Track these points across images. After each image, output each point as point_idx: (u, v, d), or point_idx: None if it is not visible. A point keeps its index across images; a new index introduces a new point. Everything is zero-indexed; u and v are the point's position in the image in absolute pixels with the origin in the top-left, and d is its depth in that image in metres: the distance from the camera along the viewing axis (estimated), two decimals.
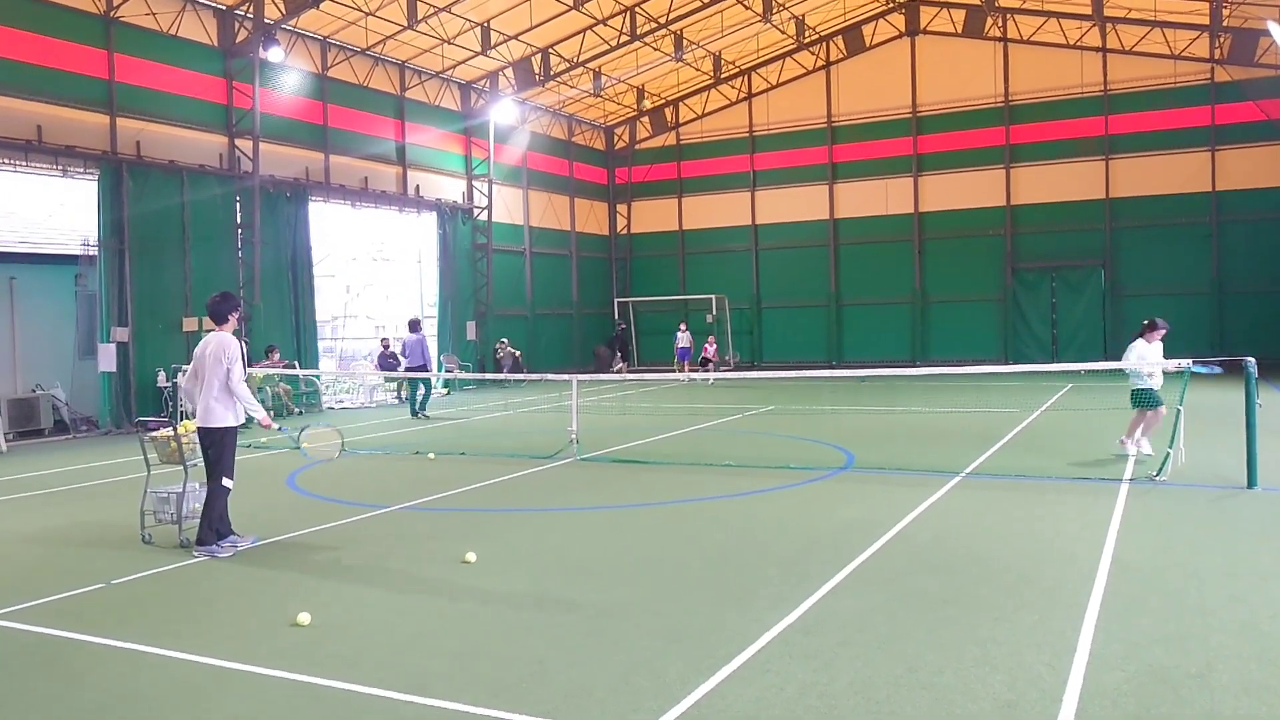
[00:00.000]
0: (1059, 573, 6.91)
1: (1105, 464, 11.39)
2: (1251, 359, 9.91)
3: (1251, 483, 9.71)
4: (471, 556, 7.70)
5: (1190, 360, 10.61)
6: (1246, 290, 27.96)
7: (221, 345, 8.33)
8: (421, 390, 20.19)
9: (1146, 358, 11.57)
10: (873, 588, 6.67)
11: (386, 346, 24.36)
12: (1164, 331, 11.71)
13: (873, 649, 5.45)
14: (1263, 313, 27.52)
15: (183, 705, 4.97)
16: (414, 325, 20.84)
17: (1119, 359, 11.90)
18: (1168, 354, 11.85)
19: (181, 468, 8.72)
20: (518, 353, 27.73)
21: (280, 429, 8.69)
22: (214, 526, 8.26)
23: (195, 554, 8.14)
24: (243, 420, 8.48)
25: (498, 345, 27.70)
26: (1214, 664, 5.06)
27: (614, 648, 5.60)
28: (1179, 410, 10.54)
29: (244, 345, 20.81)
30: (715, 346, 29.32)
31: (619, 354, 32.78)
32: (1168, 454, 10.42)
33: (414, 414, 19.85)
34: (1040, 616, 5.93)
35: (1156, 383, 11.67)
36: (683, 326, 29.87)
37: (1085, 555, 7.35)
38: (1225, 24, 26.28)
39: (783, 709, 4.67)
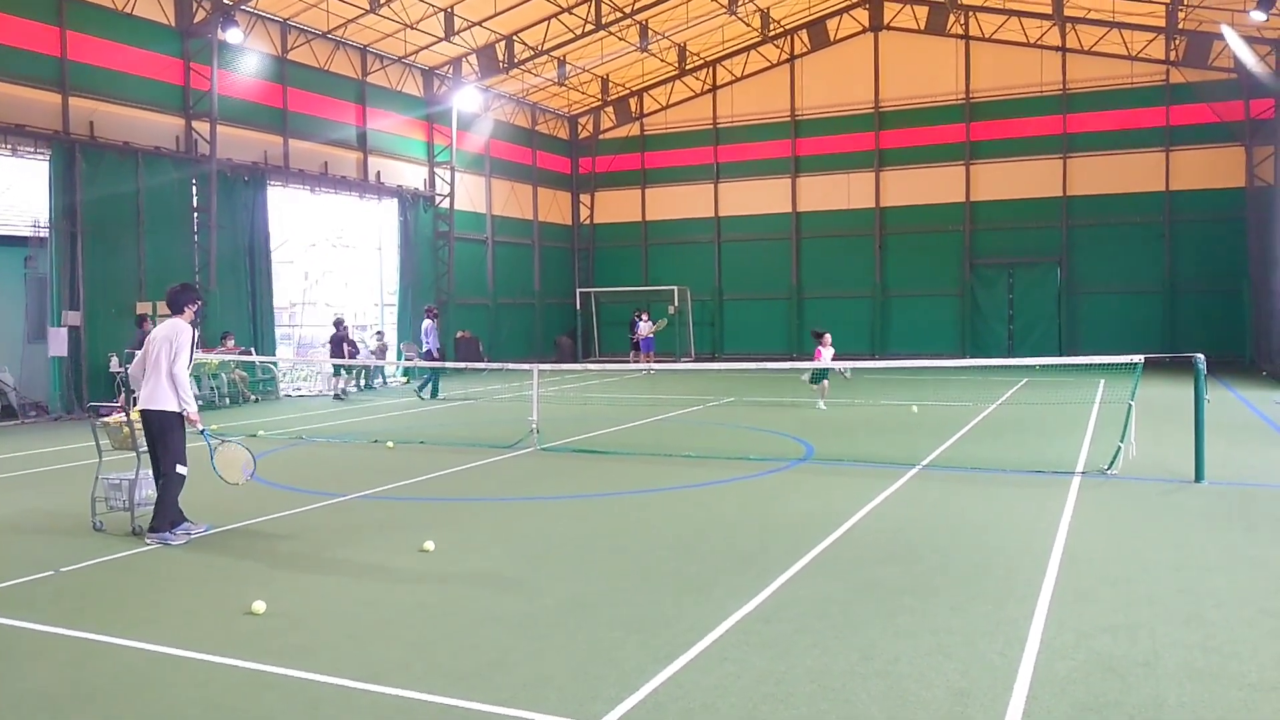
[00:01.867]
0: (1013, 563, 7.02)
1: (1058, 457, 11.57)
2: (1200, 355, 10.11)
3: (1199, 477, 9.92)
4: (430, 545, 7.66)
5: (1139, 357, 10.80)
6: (1196, 289, 28.53)
7: (175, 329, 8.24)
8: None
9: None
10: (831, 577, 6.73)
11: (341, 328, 23.64)
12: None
13: (830, 637, 5.50)
14: (1211, 311, 28.10)
15: (131, 694, 4.90)
16: (431, 311, 22.54)
17: (1074, 355, 12.09)
18: (1124, 349, 12.10)
19: (134, 454, 8.58)
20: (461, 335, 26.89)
21: (202, 431, 8.48)
22: (169, 514, 8.13)
23: (148, 541, 8.02)
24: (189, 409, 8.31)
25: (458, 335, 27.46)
26: (1160, 652, 5.17)
27: (574, 637, 5.60)
28: (1130, 405, 10.74)
29: (198, 333, 20.51)
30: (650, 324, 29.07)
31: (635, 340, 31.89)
32: (1119, 448, 10.61)
33: (420, 394, 21.23)
34: (994, 606, 6.02)
35: None
36: (644, 316, 29.29)
37: (1038, 546, 7.47)
38: (1180, 27, 26.73)
39: (739, 696, 4.71)
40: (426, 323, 22.22)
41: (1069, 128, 29.89)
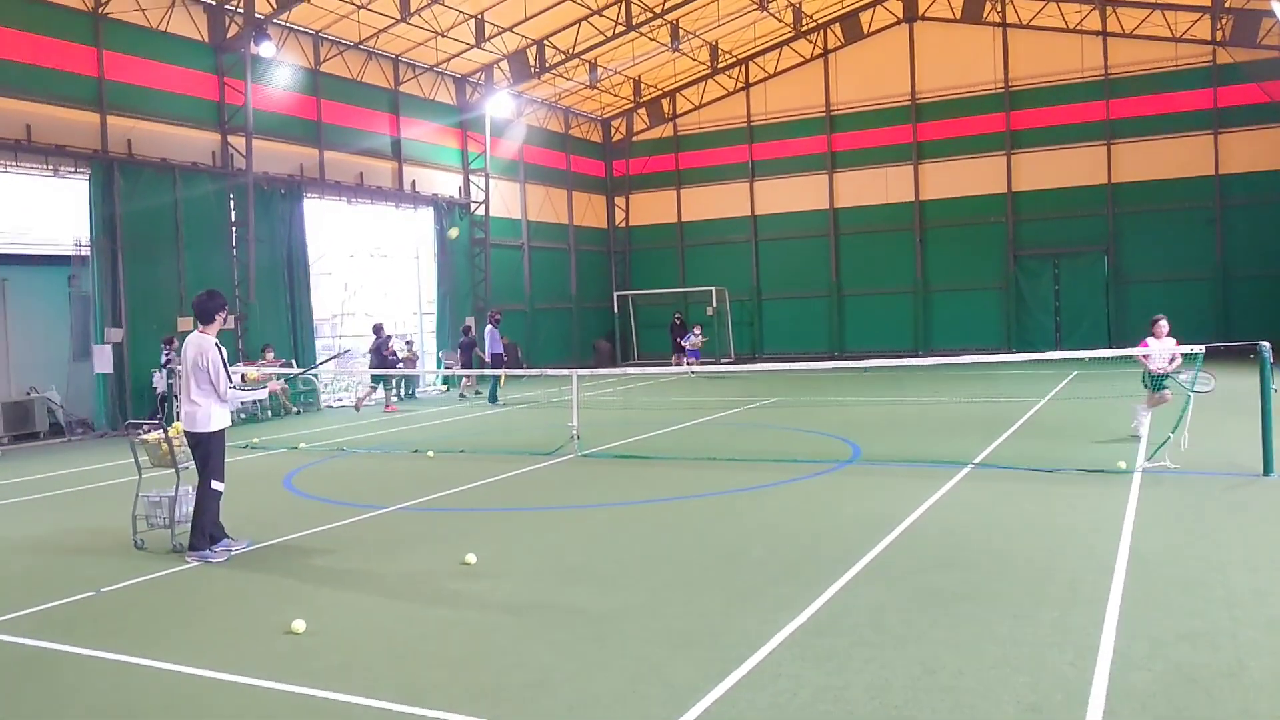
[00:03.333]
0: (1076, 566, 6.71)
1: (1115, 453, 11.17)
2: (1266, 344, 9.69)
3: (1268, 470, 9.51)
4: (471, 558, 7.50)
5: (1200, 347, 10.38)
6: (1250, 274, 27.70)
7: (200, 351, 8.08)
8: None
9: (1157, 354, 11.41)
10: (885, 585, 6.47)
11: (380, 333, 23.70)
12: (1163, 323, 11.57)
13: (888, 650, 5.25)
14: (1267, 296, 27.24)
15: (173, 718, 4.77)
16: (494, 319, 23.49)
17: (1123, 346, 11.72)
18: (1175, 337, 11.68)
19: (173, 471, 8.52)
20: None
21: (299, 374, 8.62)
22: (206, 531, 8.05)
23: (188, 560, 7.94)
24: (226, 424, 8.28)
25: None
26: (1245, 662, 4.86)
27: (619, 653, 5.40)
28: (1189, 396, 10.32)
29: (237, 345, 20.62)
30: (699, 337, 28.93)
31: (680, 344, 31.67)
32: (1168, 437, 10.20)
33: (492, 400, 21.48)
34: (1060, 613, 5.73)
35: (1165, 370, 11.52)
36: (698, 330, 28.98)
37: (1102, 548, 7.15)
38: (1227, 5, 26.01)
39: (797, 714, 4.48)
40: (489, 329, 23.06)
41: (1112, 113, 29.20)
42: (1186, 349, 10.49)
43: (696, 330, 28.80)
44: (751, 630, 5.65)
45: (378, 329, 22.45)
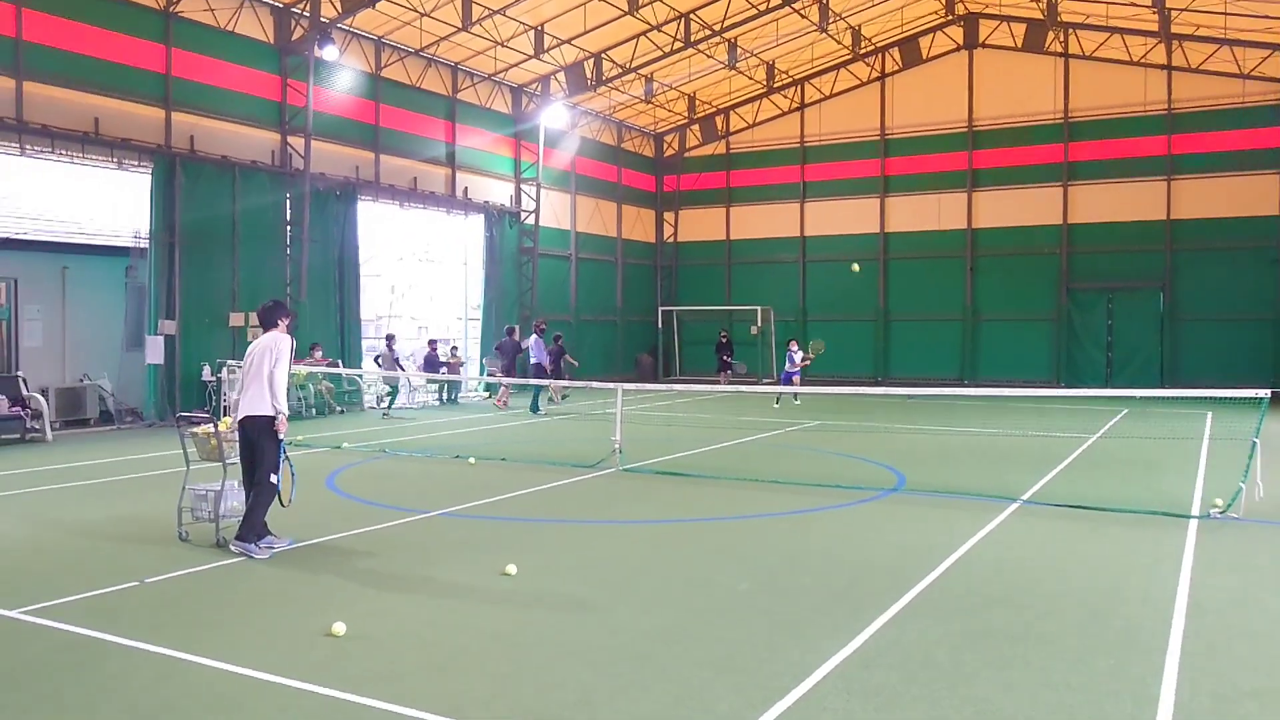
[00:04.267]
0: (1132, 612, 6.51)
1: (1172, 496, 10.88)
2: None
3: None
4: (512, 569, 7.45)
5: (1267, 391, 10.10)
6: None
7: (276, 340, 8.33)
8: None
9: None
10: (934, 620, 6.32)
11: (434, 347, 24.45)
12: None
13: (939, 688, 5.10)
14: None
15: (214, 718, 4.76)
16: (538, 328, 23.09)
17: (1176, 385, 11.41)
18: (1230, 379, 11.36)
19: (220, 465, 8.58)
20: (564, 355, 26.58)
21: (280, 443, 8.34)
22: (256, 525, 8.11)
23: (232, 549, 7.99)
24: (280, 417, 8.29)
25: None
26: None
27: (661, 676, 5.31)
28: (1254, 442, 10.03)
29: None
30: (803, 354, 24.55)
31: (726, 361, 31.51)
32: (1240, 488, 9.90)
33: (534, 410, 21.47)
34: (1117, 660, 5.55)
35: None
36: (794, 345, 24.40)
37: (1159, 594, 6.93)
38: None
39: None
40: (534, 338, 22.78)
41: (1174, 149, 28.65)
42: (1252, 393, 10.19)
43: (794, 347, 24.27)
44: (796, 659, 5.53)
45: (432, 344, 24.30)
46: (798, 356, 23.63)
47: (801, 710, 4.82)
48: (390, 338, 23.28)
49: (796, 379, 23.45)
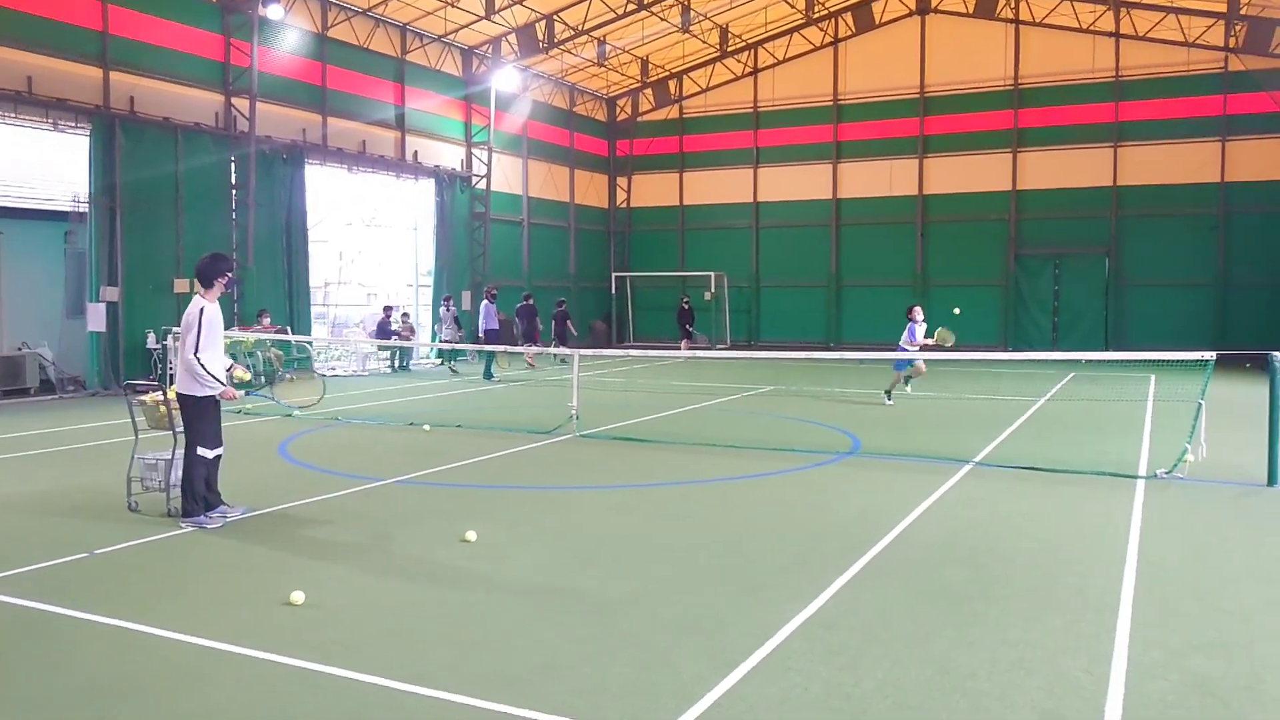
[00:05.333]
0: (1085, 570, 6.65)
1: (1119, 456, 11.12)
2: (1278, 354, 9.61)
3: (1272, 480, 9.47)
4: (471, 535, 7.41)
5: (1210, 354, 10.33)
6: (1251, 284, 27.68)
7: (190, 312, 7.90)
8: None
9: None
10: (892, 580, 6.40)
11: (388, 314, 24.34)
12: None
13: (899, 647, 5.18)
14: (1266, 306, 27.28)
15: (176, 689, 4.68)
16: (490, 294, 23.35)
17: (1120, 349, 11.60)
18: (1172, 343, 11.61)
19: (170, 434, 8.39)
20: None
21: (247, 394, 8.25)
22: (199, 497, 7.91)
23: (182, 525, 7.83)
24: (218, 390, 8.02)
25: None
26: (1262, 675, 4.80)
27: (626, 640, 5.32)
28: (1200, 405, 10.27)
29: (234, 309, 20.46)
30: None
31: (688, 330, 31.51)
32: (1185, 449, 10.14)
33: (487, 376, 21.45)
34: (1071, 617, 5.67)
35: None
36: (917, 314, 17.01)
37: (1110, 553, 7.09)
38: (1242, 11, 25.87)
39: (809, 711, 4.40)
40: (485, 304, 23.07)
41: (1121, 115, 29.07)
42: (1198, 355, 10.41)
43: (917, 315, 17.05)
44: (759, 621, 5.57)
45: (387, 309, 24.77)
46: (919, 332, 16.70)
47: (765, 672, 4.86)
48: (448, 299, 24.48)
49: (916, 362, 17.02)
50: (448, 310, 23.94)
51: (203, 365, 7.75)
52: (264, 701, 4.53)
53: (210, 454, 7.99)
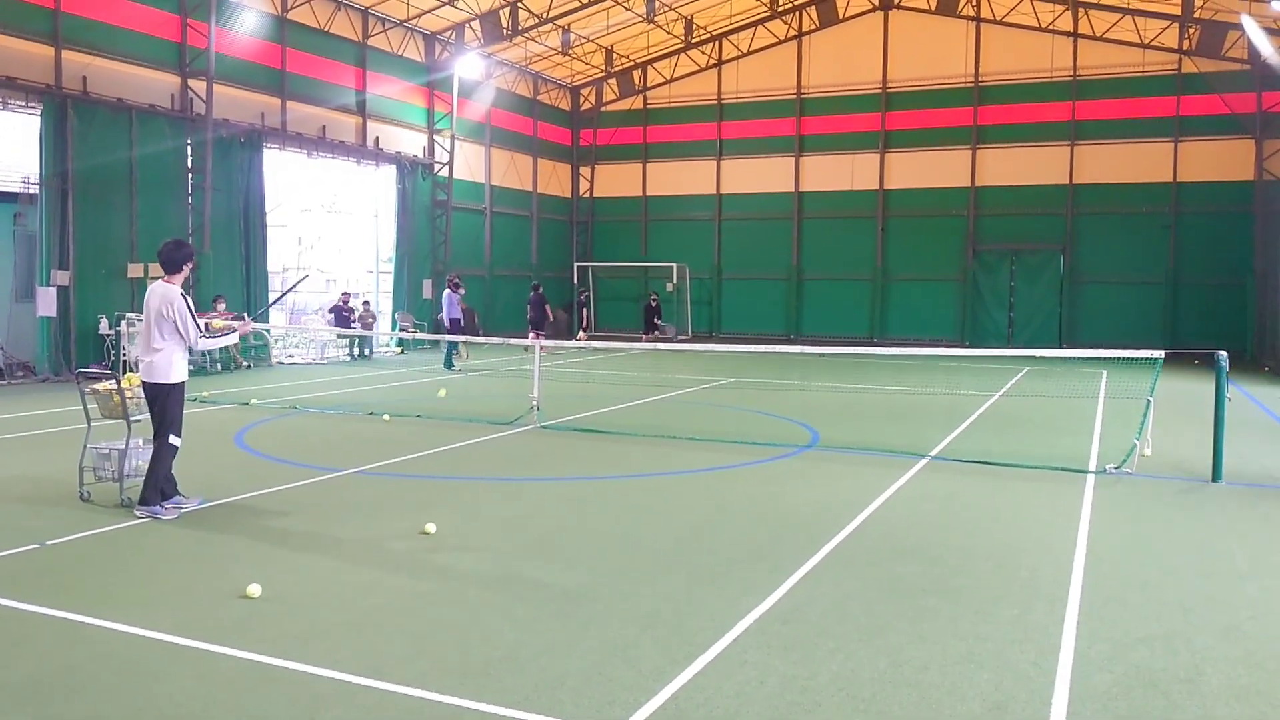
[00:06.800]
0: (1035, 564, 6.79)
1: (1070, 451, 11.34)
2: (1224, 353, 9.86)
3: (1216, 476, 9.70)
4: (431, 527, 7.39)
5: (1160, 352, 10.55)
6: (1200, 282, 28.29)
7: (165, 300, 7.87)
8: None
9: None
10: (848, 574, 6.49)
11: (346, 300, 24.12)
12: None
13: (854, 641, 5.26)
14: (1213, 305, 27.91)
15: (124, 684, 4.63)
16: (452, 283, 22.33)
17: (1074, 345, 11.83)
18: (1124, 340, 11.86)
19: (124, 422, 8.27)
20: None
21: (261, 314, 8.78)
22: (160, 486, 7.84)
23: (137, 514, 7.73)
24: (186, 376, 8.05)
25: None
26: (1202, 668, 4.94)
27: (584, 632, 5.35)
28: (1148, 401, 10.49)
29: (192, 295, 20.15)
30: None
31: (582, 320, 31.90)
32: (1134, 445, 10.37)
33: (447, 365, 21.02)
34: (1021, 610, 5.79)
35: None
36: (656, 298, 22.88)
37: (1059, 547, 7.24)
38: (1196, 15, 26.35)
39: (765, 704, 4.46)
40: (447, 293, 22.31)
41: (1078, 115, 29.54)
42: (1148, 354, 10.64)
43: (656, 299, 19.91)
44: (716, 614, 5.63)
45: (344, 296, 24.15)
46: None
47: (722, 664, 4.91)
48: (453, 279, 23.42)
49: None
50: (454, 292, 22.12)
51: (213, 335, 8.10)
52: (216, 696, 4.49)
53: (179, 442, 7.95)
